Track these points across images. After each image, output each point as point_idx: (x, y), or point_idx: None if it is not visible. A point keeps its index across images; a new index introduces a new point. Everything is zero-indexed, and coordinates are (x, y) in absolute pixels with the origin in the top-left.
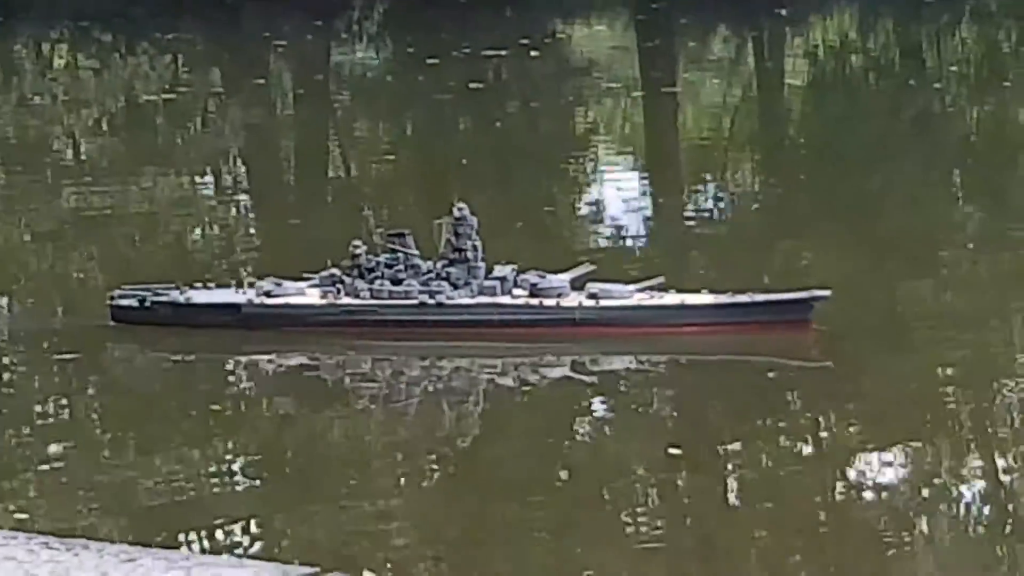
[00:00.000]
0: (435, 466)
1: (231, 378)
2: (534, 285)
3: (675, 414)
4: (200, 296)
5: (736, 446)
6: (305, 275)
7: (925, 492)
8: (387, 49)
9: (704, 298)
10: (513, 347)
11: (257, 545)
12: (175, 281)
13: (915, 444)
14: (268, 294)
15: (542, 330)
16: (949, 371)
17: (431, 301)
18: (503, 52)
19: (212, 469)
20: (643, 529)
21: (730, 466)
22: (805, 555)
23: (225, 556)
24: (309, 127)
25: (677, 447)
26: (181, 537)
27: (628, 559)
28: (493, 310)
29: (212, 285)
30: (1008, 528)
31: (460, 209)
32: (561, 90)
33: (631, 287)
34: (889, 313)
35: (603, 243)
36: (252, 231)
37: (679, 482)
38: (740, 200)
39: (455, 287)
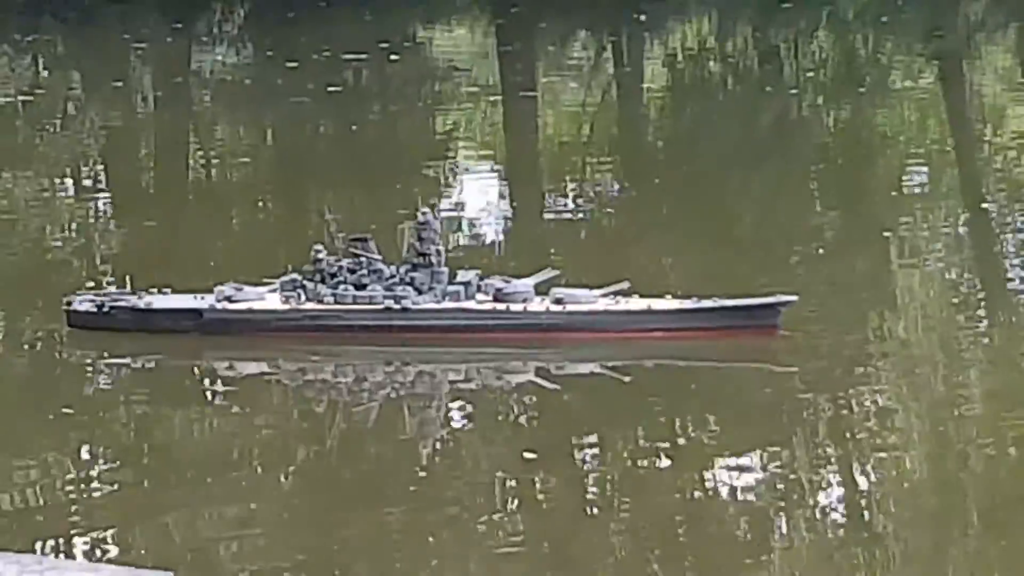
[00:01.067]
0: (313, 471)
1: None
2: (499, 290)
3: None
4: (161, 301)
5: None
6: (265, 280)
7: (783, 493)
8: (247, 51)
9: (671, 303)
10: (478, 352)
11: (114, 550)
12: (128, 286)
13: (775, 449)
14: (229, 299)
15: (509, 335)
16: (809, 377)
17: (396, 306)
18: (363, 55)
19: (72, 476)
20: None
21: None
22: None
23: (79, 560)
24: (169, 129)
25: (589, 447)
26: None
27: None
28: (460, 315)
29: (168, 290)
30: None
31: (424, 214)
32: (421, 94)
33: (596, 292)
34: None
35: (462, 244)
36: (110, 233)
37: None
38: (599, 203)
39: (419, 292)
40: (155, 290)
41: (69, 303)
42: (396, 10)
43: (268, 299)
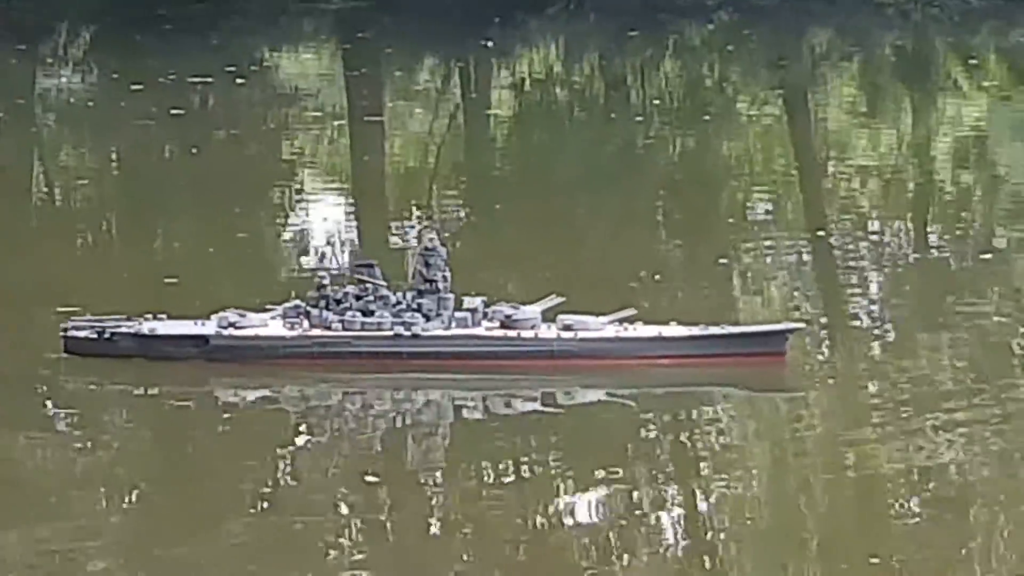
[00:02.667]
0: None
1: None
2: (508, 316)
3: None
4: (166, 327)
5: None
6: (268, 307)
7: (622, 515)
8: (92, 74)
9: (679, 330)
10: (488, 378)
11: None
12: (124, 313)
13: (616, 474)
14: (233, 325)
15: (519, 362)
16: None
17: (406, 332)
18: (209, 79)
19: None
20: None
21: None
22: None
23: None
24: (13, 152)
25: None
26: None
27: None
28: (470, 341)
29: (164, 316)
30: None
31: (431, 240)
32: (267, 118)
33: (603, 319)
34: None
35: (306, 268)
36: None
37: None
38: (444, 228)
39: (427, 318)
40: (150, 316)
41: (66, 329)
42: (243, 34)
43: (271, 325)
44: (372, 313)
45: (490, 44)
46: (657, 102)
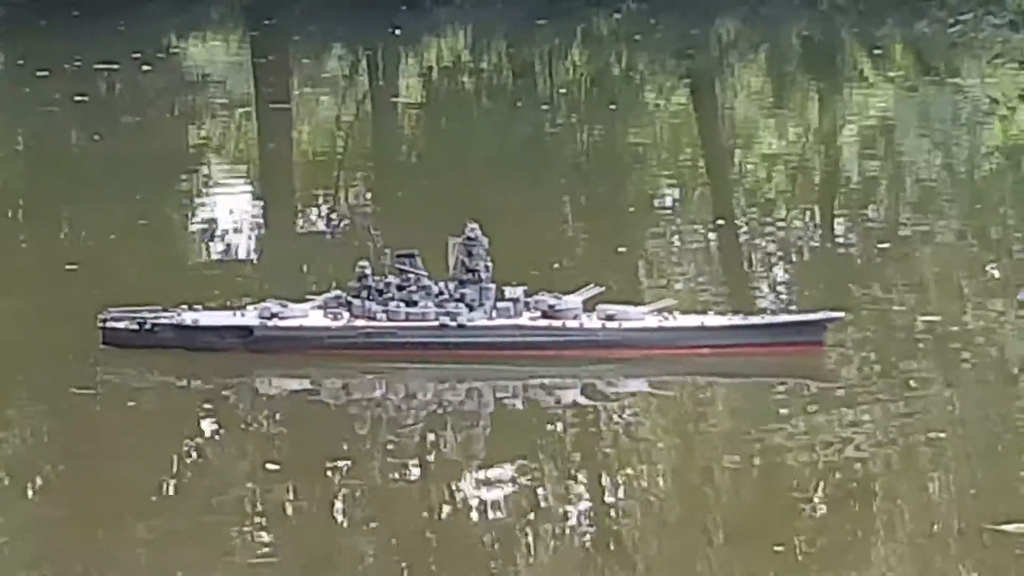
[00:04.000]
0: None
1: None
2: (551, 307)
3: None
4: (209, 318)
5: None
6: (308, 296)
7: (530, 506)
8: None
9: (721, 320)
10: (533, 369)
11: None
12: (159, 303)
13: (524, 463)
14: (276, 316)
15: (564, 352)
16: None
17: (452, 323)
18: (115, 66)
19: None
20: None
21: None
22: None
23: None
24: None
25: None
26: None
27: None
28: (515, 332)
29: (199, 307)
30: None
31: (472, 229)
32: (174, 105)
33: (643, 308)
34: None
35: (215, 258)
36: None
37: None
38: (352, 216)
39: (470, 308)
40: (185, 307)
41: (104, 321)
42: (150, 21)
43: (311, 316)
44: (415, 303)
45: (398, 32)
46: (564, 91)
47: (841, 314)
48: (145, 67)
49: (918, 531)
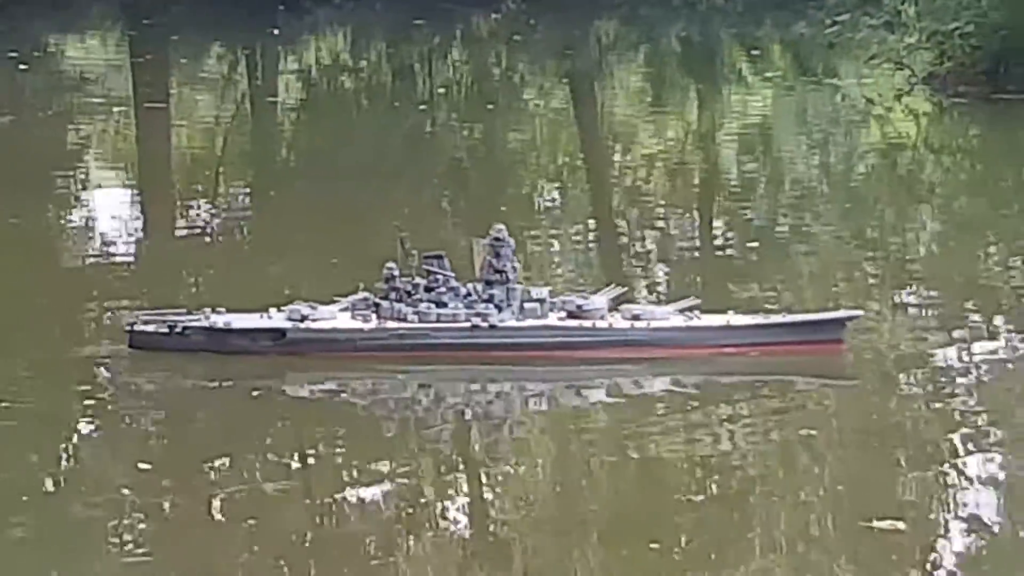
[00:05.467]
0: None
1: None
2: (579, 307)
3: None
4: (241, 321)
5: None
6: (336, 298)
7: (406, 505)
8: None
9: (745, 318)
10: (558, 370)
11: None
12: (184, 307)
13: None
14: (306, 318)
15: (594, 352)
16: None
17: (483, 324)
18: None
19: None
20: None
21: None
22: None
23: None
24: None
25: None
26: None
27: None
28: (546, 332)
29: (209, 311)
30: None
31: (499, 230)
32: (51, 104)
33: (668, 308)
34: None
35: (89, 260)
36: None
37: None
38: (230, 216)
39: (499, 309)
40: (208, 309)
41: (132, 324)
42: (27, 19)
43: (339, 318)
44: (445, 305)
45: (277, 32)
46: (443, 91)
47: (860, 312)
48: (22, 66)
49: (794, 529)
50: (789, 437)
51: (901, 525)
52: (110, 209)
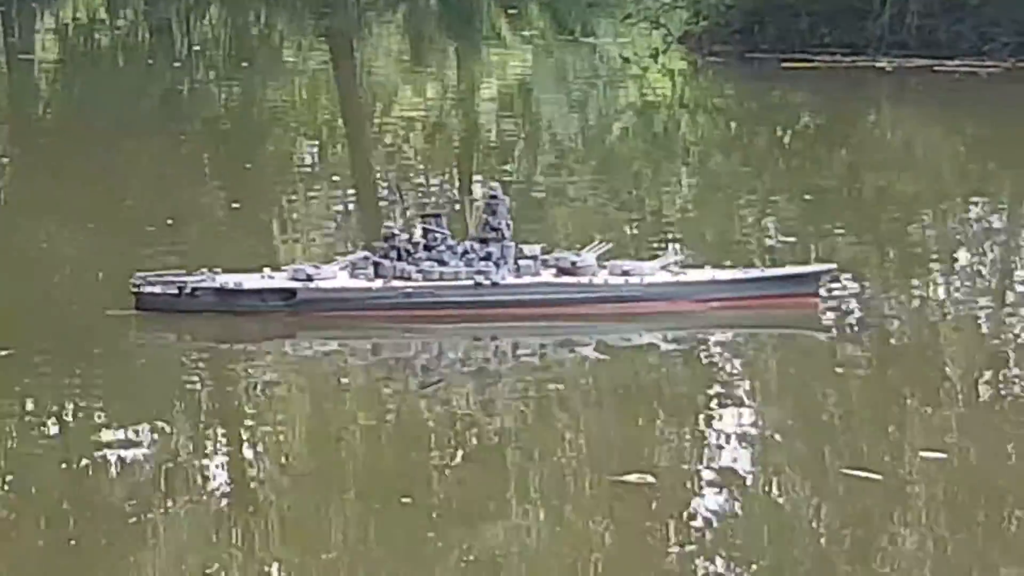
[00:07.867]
0: None
1: None
2: (573, 263)
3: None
4: (251, 281)
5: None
6: (335, 257)
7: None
8: None
9: (729, 273)
10: (558, 326)
11: None
12: (184, 267)
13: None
14: (311, 278)
15: (588, 308)
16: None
17: (486, 282)
18: None
19: None
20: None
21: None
22: None
23: None
24: None
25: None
26: None
27: None
28: (547, 289)
29: (218, 271)
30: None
31: (494, 188)
32: None
33: (654, 263)
34: None
35: None
36: None
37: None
38: None
39: (497, 266)
40: (205, 270)
41: (138, 286)
42: None
43: (339, 276)
44: (446, 263)
45: None
46: (198, 48)
47: (834, 265)
48: None
49: (549, 484)
50: (542, 394)
51: (651, 479)
52: None
